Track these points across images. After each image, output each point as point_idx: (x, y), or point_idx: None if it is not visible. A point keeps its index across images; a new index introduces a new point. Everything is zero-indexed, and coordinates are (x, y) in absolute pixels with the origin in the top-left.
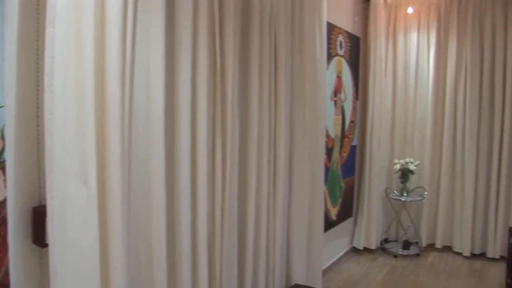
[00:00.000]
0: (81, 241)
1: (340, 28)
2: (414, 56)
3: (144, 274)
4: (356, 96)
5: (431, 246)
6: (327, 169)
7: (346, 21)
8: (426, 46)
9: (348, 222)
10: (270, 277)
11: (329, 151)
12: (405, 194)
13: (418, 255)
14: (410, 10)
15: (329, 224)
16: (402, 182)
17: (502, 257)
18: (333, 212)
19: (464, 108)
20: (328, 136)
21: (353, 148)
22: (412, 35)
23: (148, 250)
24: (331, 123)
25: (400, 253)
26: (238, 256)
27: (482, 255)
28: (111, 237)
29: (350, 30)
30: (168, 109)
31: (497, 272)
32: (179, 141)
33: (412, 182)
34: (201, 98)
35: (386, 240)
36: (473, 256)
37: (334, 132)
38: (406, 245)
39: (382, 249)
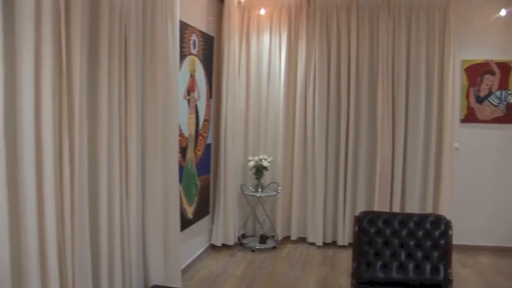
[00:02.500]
0: None
1: (194, 28)
2: (266, 56)
3: None
4: (210, 95)
5: (287, 239)
6: (181, 168)
7: (200, 21)
8: (278, 47)
9: (206, 220)
10: (126, 280)
11: (183, 150)
12: (260, 190)
13: (274, 248)
14: (262, 11)
15: (186, 223)
16: (257, 178)
17: (350, 244)
18: (190, 211)
19: (314, 106)
20: (182, 135)
21: (208, 146)
22: (265, 36)
23: None
24: (184, 122)
25: (257, 247)
26: (92, 260)
27: (334, 244)
28: None
29: (204, 30)
30: (8, 109)
31: (346, 257)
32: (22, 142)
33: (267, 178)
34: (45, 97)
35: (243, 236)
36: (325, 245)
37: (188, 130)
38: (263, 239)
39: (240, 244)
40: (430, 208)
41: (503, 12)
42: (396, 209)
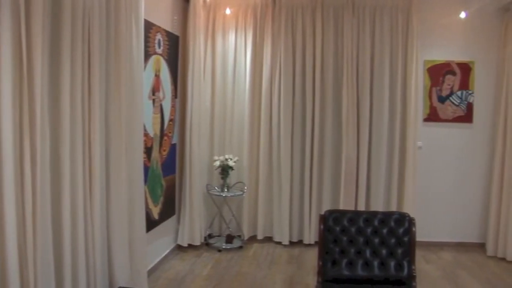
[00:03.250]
0: None
1: (159, 27)
2: (232, 56)
3: None
4: (175, 95)
5: (253, 238)
6: (146, 168)
7: (165, 20)
8: (244, 46)
9: (172, 220)
10: (91, 282)
11: (148, 150)
12: (225, 190)
13: (241, 247)
14: (228, 11)
15: (151, 224)
16: (223, 178)
17: (316, 242)
18: (155, 211)
19: (279, 106)
20: (146, 135)
21: (173, 146)
22: (230, 35)
23: None
24: (149, 122)
25: (224, 247)
26: (55, 262)
27: (300, 242)
28: None
29: (169, 29)
30: None
31: (312, 256)
32: None
33: (232, 177)
34: (5, 98)
35: (210, 236)
36: (292, 244)
37: (153, 131)
38: (229, 239)
39: (206, 244)
40: (394, 206)
41: (463, 15)
42: (361, 207)
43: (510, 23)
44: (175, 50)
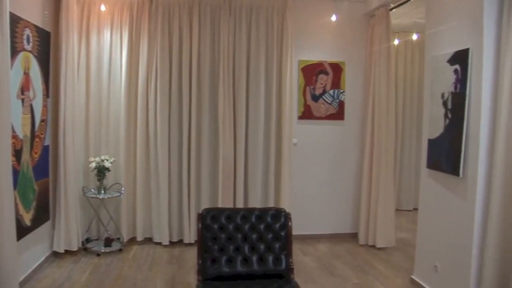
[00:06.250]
0: None
1: (28, 21)
2: (107, 54)
3: None
4: (47, 94)
5: (133, 240)
6: (16, 172)
7: (35, 14)
8: (119, 45)
9: (46, 226)
10: None
11: (17, 153)
12: (102, 192)
13: (120, 250)
14: (103, 7)
15: (23, 231)
16: (99, 180)
17: (196, 241)
18: (27, 218)
19: (155, 105)
20: (15, 136)
21: (46, 148)
22: (106, 33)
23: None
24: (18, 123)
25: (102, 251)
26: None
27: (180, 242)
28: None
29: (39, 24)
30: None
31: (193, 255)
32: None
33: (109, 179)
34: None
35: (87, 240)
36: (172, 244)
37: (23, 132)
38: (108, 242)
39: (84, 249)
40: (272, 202)
41: (333, 18)
42: (240, 204)
43: (376, 28)
44: (46, 47)
